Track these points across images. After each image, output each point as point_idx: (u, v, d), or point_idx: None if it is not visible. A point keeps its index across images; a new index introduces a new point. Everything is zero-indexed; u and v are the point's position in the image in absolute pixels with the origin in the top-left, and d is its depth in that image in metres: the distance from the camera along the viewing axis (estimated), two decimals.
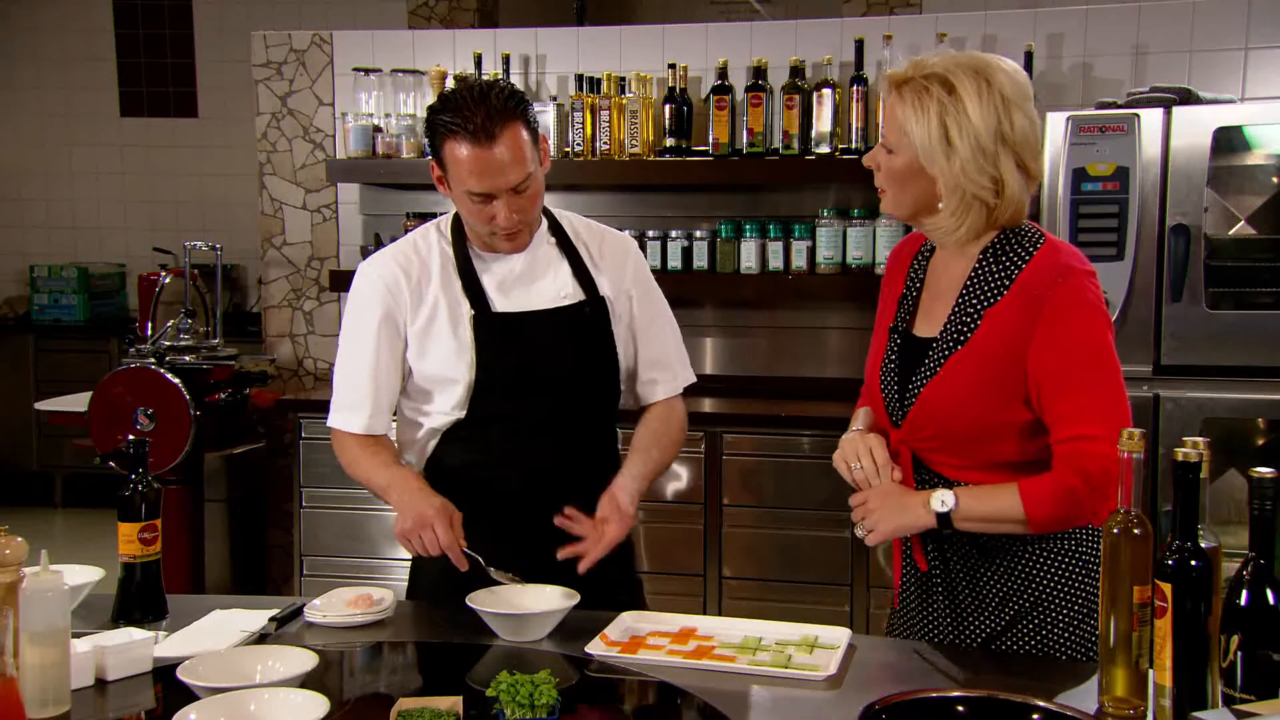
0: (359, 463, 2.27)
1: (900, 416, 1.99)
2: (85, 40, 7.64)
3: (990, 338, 1.89)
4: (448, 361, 2.21)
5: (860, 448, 1.97)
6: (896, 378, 2.01)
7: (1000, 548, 1.96)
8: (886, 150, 1.94)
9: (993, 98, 1.85)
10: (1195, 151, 3.51)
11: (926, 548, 2.01)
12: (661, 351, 2.38)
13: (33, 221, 7.77)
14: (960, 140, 1.84)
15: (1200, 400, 3.55)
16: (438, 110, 2.13)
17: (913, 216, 1.98)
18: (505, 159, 2.07)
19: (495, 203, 2.11)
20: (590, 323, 2.27)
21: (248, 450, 4.84)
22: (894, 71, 1.94)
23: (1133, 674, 1.58)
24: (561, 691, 1.55)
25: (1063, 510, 1.85)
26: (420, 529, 2.08)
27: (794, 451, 4.06)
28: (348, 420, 2.28)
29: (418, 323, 2.22)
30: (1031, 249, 1.92)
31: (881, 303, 2.14)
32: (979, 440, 1.92)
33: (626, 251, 2.37)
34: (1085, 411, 1.83)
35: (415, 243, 2.29)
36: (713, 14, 7.57)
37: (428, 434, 2.28)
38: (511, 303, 2.24)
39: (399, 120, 4.60)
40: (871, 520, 1.93)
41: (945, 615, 2.01)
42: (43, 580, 1.64)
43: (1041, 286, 1.87)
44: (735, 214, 4.55)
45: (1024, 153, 1.88)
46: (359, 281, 2.28)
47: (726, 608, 4.10)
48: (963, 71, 1.86)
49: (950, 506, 1.87)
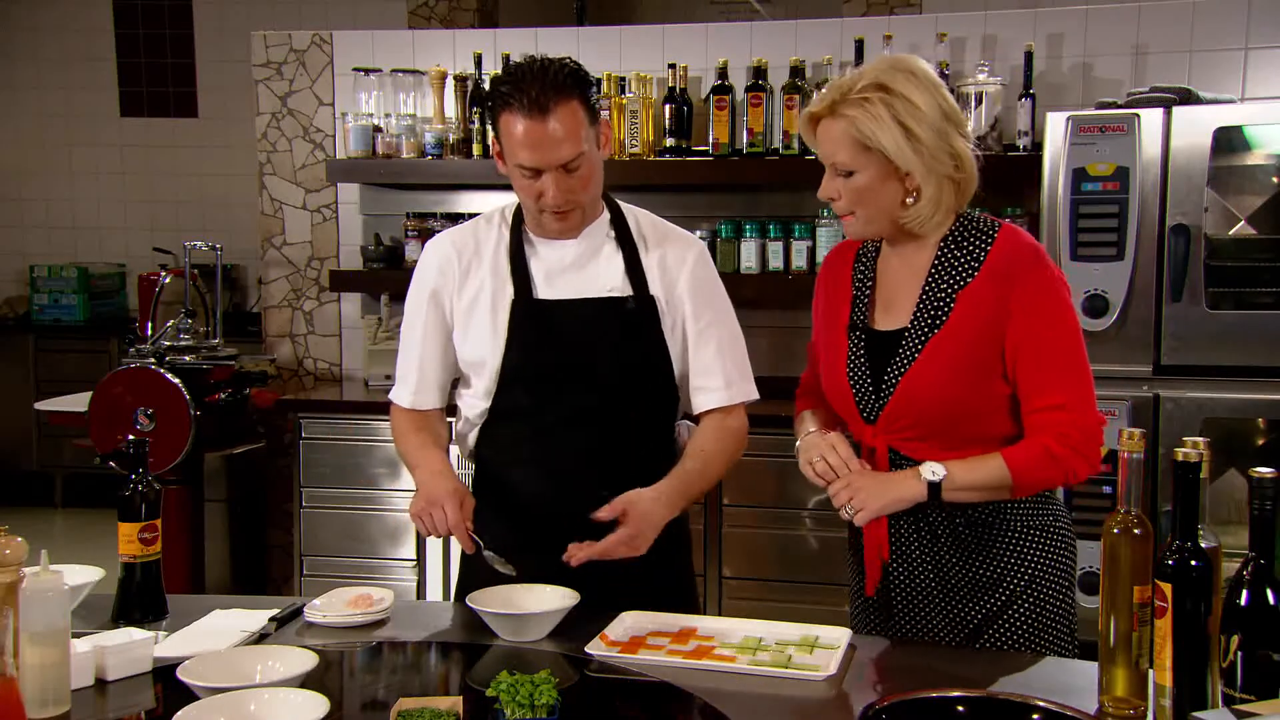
0: (400, 437, 2.31)
1: (875, 411, 2.01)
2: (85, 40, 7.64)
3: (966, 318, 1.96)
4: (484, 344, 2.21)
5: (822, 446, 2.01)
6: (868, 373, 2.03)
7: (973, 532, 1.99)
8: (844, 175, 1.97)
9: (921, 82, 1.93)
10: (1195, 151, 3.51)
11: (893, 533, 2.03)
12: (713, 360, 2.25)
13: (33, 221, 7.77)
14: (921, 129, 1.92)
15: (1200, 400, 3.55)
16: (499, 82, 2.12)
17: (885, 230, 2.03)
18: (558, 134, 2.05)
19: (544, 178, 2.09)
20: (634, 320, 2.20)
21: (248, 450, 4.84)
22: (810, 107, 2.00)
23: (1133, 674, 1.58)
24: (561, 691, 1.55)
25: (1043, 471, 1.94)
26: (430, 508, 2.09)
27: (794, 452, 4.04)
28: (398, 393, 2.33)
29: (463, 302, 2.24)
30: (991, 232, 2.00)
31: (823, 306, 2.17)
32: (960, 421, 1.97)
33: (687, 253, 2.27)
34: (1060, 382, 1.94)
35: (478, 224, 2.30)
36: (713, 14, 7.56)
37: (467, 424, 2.30)
38: (555, 291, 2.21)
39: (399, 120, 4.60)
40: (860, 499, 1.94)
41: (936, 601, 2.02)
42: (43, 580, 1.64)
43: (1013, 265, 1.96)
44: (735, 214, 4.55)
45: (961, 124, 1.97)
46: (422, 257, 2.31)
47: (726, 608, 4.10)
48: (888, 73, 1.94)
49: (941, 476, 1.92)
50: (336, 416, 4.37)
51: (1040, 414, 1.94)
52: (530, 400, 2.20)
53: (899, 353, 1.99)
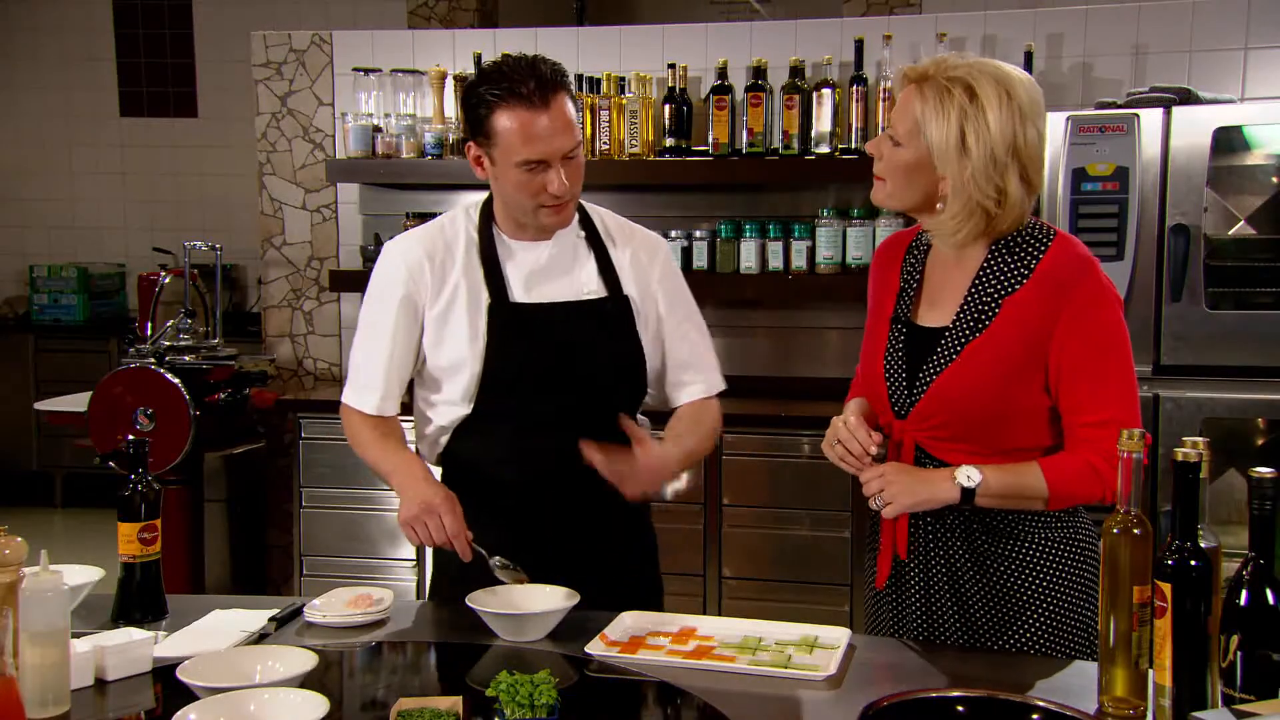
0: (368, 444, 2.27)
1: (907, 406, 1.99)
2: (85, 40, 7.64)
3: (1009, 325, 1.92)
4: (461, 350, 2.19)
5: (841, 431, 1.98)
6: (904, 368, 2.01)
7: (990, 541, 1.97)
8: (894, 142, 1.95)
9: (1011, 109, 1.87)
10: (1195, 151, 3.51)
11: (912, 532, 2.01)
12: (691, 354, 2.33)
13: (33, 221, 7.77)
14: (976, 147, 1.86)
15: (1200, 400, 3.55)
16: (480, 83, 2.12)
17: (911, 210, 2.00)
18: (560, 123, 2.08)
19: (550, 170, 2.10)
20: (611, 320, 2.24)
21: (248, 450, 4.84)
22: (914, 67, 1.95)
23: (1133, 674, 1.58)
24: (561, 691, 1.55)
25: (1083, 487, 1.90)
26: (425, 516, 2.07)
27: (794, 452, 4.06)
28: (361, 399, 2.28)
29: (437, 308, 2.21)
30: (1045, 240, 1.95)
31: (873, 297, 2.15)
32: (990, 426, 1.93)
33: (656, 251, 2.33)
34: (1109, 397, 1.90)
35: (443, 226, 2.27)
36: (713, 14, 7.56)
37: (438, 429, 2.27)
38: (531, 294, 2.21)
39: (399, 120, 4.60)
40: (891, 492, 1.92)
41: (948, 604, 2.00)
42: (43, 580, 1.64)
43: (1064, 277, 1.91)
44: (735, 214, 4.55)
45: (1030, 166, 1.91)
46: (383, 261, 2.27)
47: (726, 608, 4.10)
48: (985, 79, 1.88)
49: (976, 482, 1.89)
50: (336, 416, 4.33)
51: (1086, 429, 1.89)
52: (513, 402, 2.20)
53: (937, 351, 1.97)
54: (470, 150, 2.18)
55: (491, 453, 2.23)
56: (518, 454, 2.21)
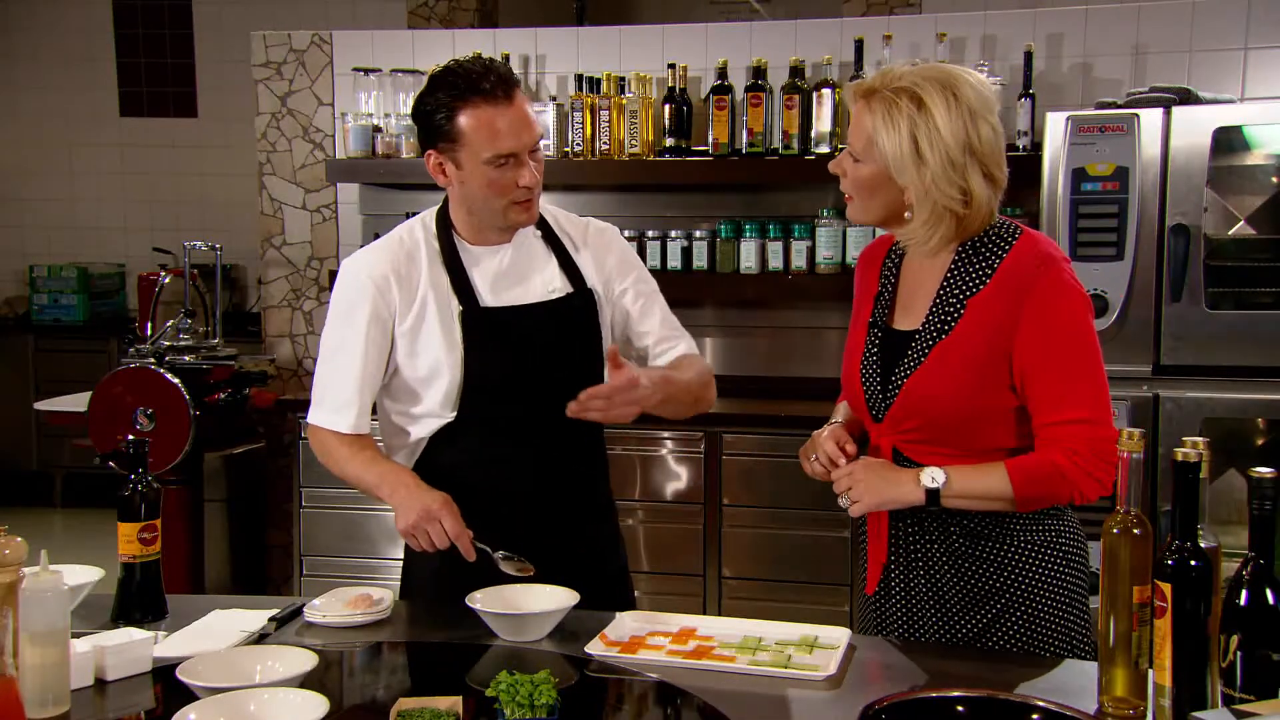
0: (347, 461, 2.24)
1: (882, 410, 2.00)
2: (85, 40, 7.64)
3: (974, 326, 1.92)
4: (438, 360, 2.19)
5: (818, 441, 2.04)
6: (878, 371, 2.03)
7: (969, 543, 1.97)
8: (853, 159, 1.97)
9: (960, 110, 1.87)
10: (1195, 151, 3.51)
11: (893, 536, 2.02)
12: (664, 325, 2.35)
13: (33, 221, 7.77)
14: (931, 153, 1.87)
15: (1200, 400, 3.55)
16: (436, 89, 2.13)
17: (881, 223, 2.01)
18: (525, 116, 2.13)
19: (520, 163, 2.12)
20: (579, 316, 2.27)
21: (247, 450, 4.85)
22: (860, 82, 1.97)
23: (1132, 674, 1.58)
24: (561, 691, 1.55)
25: (1047, 488, 1.89)
26: (427, 522, 2.06)
27: (794, 452, 3.99)
28: (333, 420, 2.25)
29: (407, 321, 2.21)
30: (1010, 240, 1.96)
31: (856, 301, 2.17)
32: (963, 428, 1.94)
33: (609, 239, 2.36)
34: (1072, 396, 1.89)
35: (402, 239, 2.26)
36: (713, 14, 7.56)
37: (417, 440, 2.26)
38: (500, 297, 2.23)
39: (399, 120, 4.60)
40: (858, 490, 1.93)
41: (929, 608, 2.01)
42: (43, 580, 1.64)
43: (1024, 274, 1.91)
44: (735, 214, 4.55)
45: (990, 163, 1.91)
46: (346, 278, 2.25)
47: (726, 608, 4.10)
48: (931, 85, 1.88)
49: (941, 483, 1.89)
50: None
51: (1050, 428, 1.88)
52: (492, 406, 2.21)
53: (907, 354, 1.98)
54: (430, 159, 2.18)
55: (472, 456, 2.23)
56: (500, 456, 2.22)
